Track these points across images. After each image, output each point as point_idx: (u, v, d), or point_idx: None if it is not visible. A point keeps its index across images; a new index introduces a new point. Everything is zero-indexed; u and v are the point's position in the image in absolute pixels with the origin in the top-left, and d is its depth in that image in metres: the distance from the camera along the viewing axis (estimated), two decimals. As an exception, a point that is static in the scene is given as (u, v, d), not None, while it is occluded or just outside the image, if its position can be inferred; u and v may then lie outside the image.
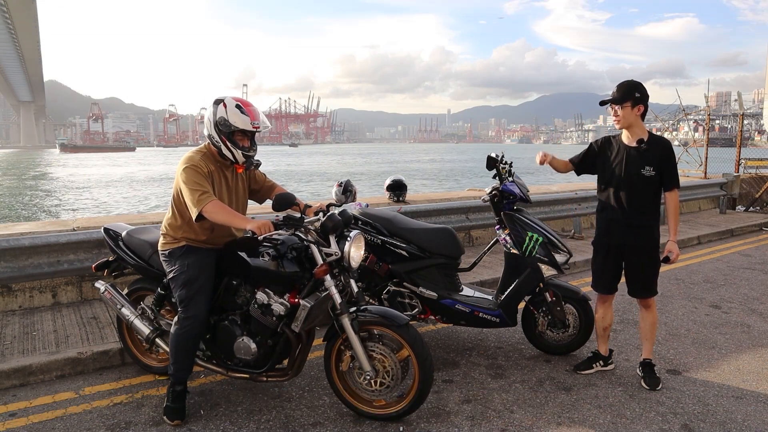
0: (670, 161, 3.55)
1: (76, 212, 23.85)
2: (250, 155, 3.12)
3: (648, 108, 3.60)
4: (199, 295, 3.12)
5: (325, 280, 2.99)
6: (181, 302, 3.13)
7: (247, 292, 3.18)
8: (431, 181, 41.65)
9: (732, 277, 6.52)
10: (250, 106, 3.07)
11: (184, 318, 3.12)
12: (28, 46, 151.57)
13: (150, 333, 3.51)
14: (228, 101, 3.05)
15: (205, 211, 2.91)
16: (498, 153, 4.19)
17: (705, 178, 11.70)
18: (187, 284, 3.11)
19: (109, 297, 3.67)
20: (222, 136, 3.04)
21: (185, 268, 3.13)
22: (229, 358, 3.25)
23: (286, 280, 3.06)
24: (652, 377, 3.66)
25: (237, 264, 3.15)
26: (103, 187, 36.21)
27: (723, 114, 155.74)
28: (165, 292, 3.44)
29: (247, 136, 3.10)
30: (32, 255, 4.61)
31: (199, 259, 3.16)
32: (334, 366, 3.21)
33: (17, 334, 4.21)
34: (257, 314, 3.10)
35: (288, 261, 3.05)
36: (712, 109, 13.41)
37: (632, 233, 3.57)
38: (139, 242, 3.57)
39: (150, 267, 3.49)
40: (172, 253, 3.20)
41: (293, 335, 3.08)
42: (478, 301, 4.04)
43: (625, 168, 3.54)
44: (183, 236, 3.18)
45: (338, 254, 3.00)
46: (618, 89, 3.49)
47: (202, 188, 2.96)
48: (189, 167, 3.02)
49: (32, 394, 3.51)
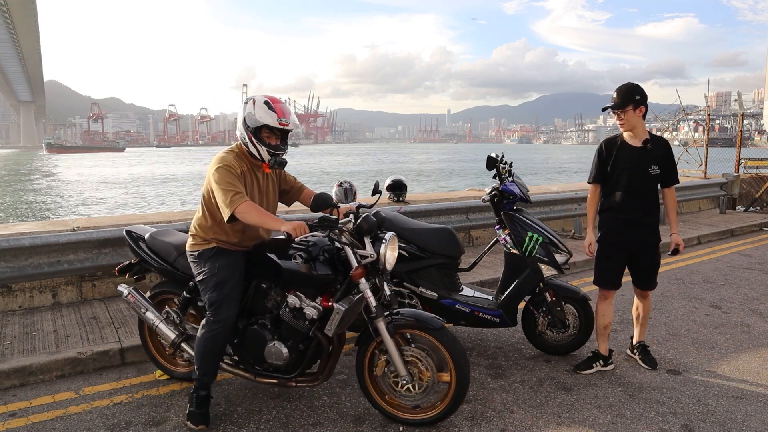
0: (671, 159, 3.73)
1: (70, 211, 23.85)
2: (277, 154, 3.01)
3: (648, 108, 3.70)
4: (229, 298, 3.04)
5: (359, 283, 2.92)
6: (211, 305, 3.04)
7: (277, 295, 3.11)
8: (428, 179, 41.66)
9: (732, 277, 6.52)
10: (279, 103, 2.98)
11: (214, 322, 3.03)
12: (28, 46, 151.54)
13: (176, 338, 3.42)
14: (258, 98, 2.99)
15: (238, 212, 2.83)
16: (498, 153, 4.20)
17: (705, 178, 11.71)
18: (218, 287, 3.03)
19: (132, 301, 3.55)
20: (248, 133, 2.97)
21: (215, 271, 3.04)
22: (258, 363, 3.18)
23: (318, 283, 2.99)
24: (650, 358, 3.92)
25: (267, 267, 3.08)
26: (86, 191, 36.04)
27: (723, 114, 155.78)
28: (191, 296, 3.37)
29: (275, 134, 3.01)
30: (32, 255, 4.61)
31: (230, 261, 3.08)
32: (367, 371, 3.12)
33: (17, 334, 4.21)
34: (289, 318, 3.02)
35: (320, 263, 2.97)
36: (712, 109, 13.42)
37: (641, 230, 3.71)
38: (163, 245, 3.48)
39: (175, 270, 3.40)
40: (201, 255, 3.11)
41: (325, 339, 3.01)
42: (478, 301, 4.04)
43: (633, 168, 3.64)
44: (213, 237, 3.10)
45: (374, 256, 2.94)
46: (618, 94, 3.57)
47: (234, 189, 2.87)
48: (221, 167, 2.93)
49: (32, 394, 3.51)
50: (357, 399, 3.43)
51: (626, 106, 3.54)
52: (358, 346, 3.13)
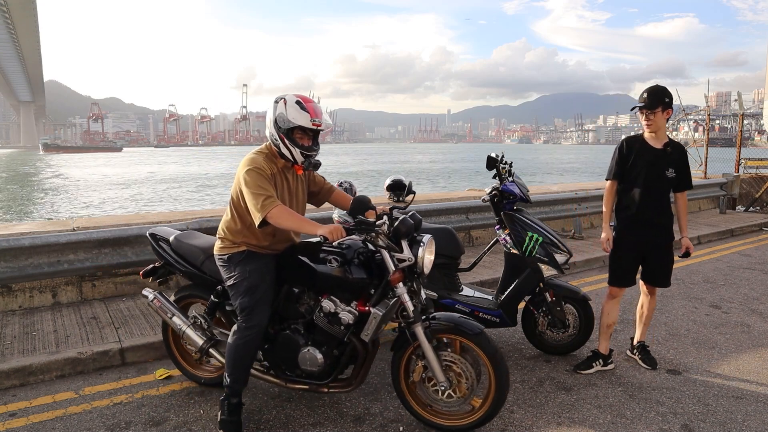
0: (686, 164, 3.78)
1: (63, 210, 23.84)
2: (311, 155, 2.93)
3: (673, 111, 3.81)
4: (261, 303, 2.96)
5: (397, 287, 2.84)
6: (242, 311, 2.96)
7: (310, 299, 3.03)
8: (427, 179, 41.66)
9: (732, 277, 6.52)
10: (311, 103, 2.89)
11: (246, 328, 2.95)
12: (28, 46, 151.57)
13: (204, 343, 3.34)
14: (288, 98, 2.89)
15: (271, 217, 2.75)
16: (498, 153, 4.20)
17: (705, 178, 11.71)
18: (249, 292, 2.95)
19: (158, 305, 3.46)
20: (280, 134, 2.88)
21: (247, 275, 2.96)
22: (290, 369, 3.10)
23: (353, 287, 2.90)
24: (650, 358, 3.94)
25: (300, 271, 3.01)
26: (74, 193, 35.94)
27: (723, 114, 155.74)
28: (219, 300, 3.29)
29: (307, 134, 2.92)
30: (32, 255, 4.61)
31: (260, 265, 3.00)
32: (403, 377, 3.05)
33: (17, 334, 4.21)
34: (323, 323, 2.94)
35: (355, 267, 2.89)
36: (712, 109, 13.41)
37: (654, 231, 3.75)
38: (189, 248, 3.38)
39: (202, 274, 3.31)
40: (231, 259, 3.03)
41: (360, 344, 2.94)
42: (478, 301, 4.04)
43: (653, 170, 3.68)
44: (243, 241, 3.02)
45: (411, 260, 2.83)
46: (649, 95, 3.60)
47: (266, 192, 2.79)
48: (252, 170, 2.84)
49: (32, 394, 3.51)
50: (357, 399, 3.43)
51: (656, 107, 3.57)
52: (393, 350, 3.05)
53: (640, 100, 3.63)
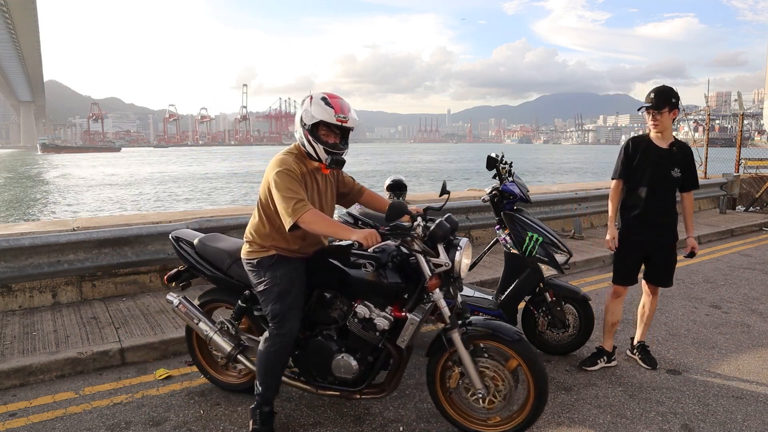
0: (692, 164, 3.80)
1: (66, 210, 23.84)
2: (336, 153, 2.81)
3: (679, 111, 3.81)
4: (293, 309, 2.87)
5: (433, 293, 2.76)
6: (274, 317, 2.87)
7: (343, 305, 2.93)
8: (428, 180, 41.67)
9: (732, 277, 6.52)
10: (337, 99, 2.79)
11: (277, 335, 2.86)
12: (28, 46, 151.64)
13: (232, 350, 3.24)
14: (315, 95, 2.81)
15: (302, 222, 2.65)
16: (498, 153, 4.20)
17: (705, 178, 11.71)
18: (280, 298, 2.86)
19: (184, 311, 3.37)
20: (305, 131, 2.79)
21: (277, 281, 2.87)
22: (322, 376, 3.02)
23: (388, 292, 2.81)
24: (650, 358, 3.95)
25: (332, 275, 2.91)
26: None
27: (723, 114, 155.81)
28: (246, 305, 3.20)
29: (333, 131, 2.81)
30: (32, 255, 4.61)
31: (291, 270, 2.91)
32: (439, 383, 2.97)
33: (17, 334, 4.21)
34: (357, 329, 2.86)
35: (390, 271, 2.80)
36: (712, 109, 13.42)
37: (658, 231, 3.77)
38: (215, 251, 3.28)
39: (229, 278, 3.21)
40: (260, 263, 2.94)
41: (395, 350, 2.85)
42: (478, 301, 4.05)
43: (658, 170, 3.70)
44: (272, 244, 2.92)
45: (448, 265, 2.74)
46: (656, 95, 3.61)
47: (296, 196, 2.69)
48: (282, 171, 2.74)
49: (32, 394, 3.51)
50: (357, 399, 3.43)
51: (663, 107, 3.59)
52: (428, 356, 2.96)
53: (647, 101, 3.63)
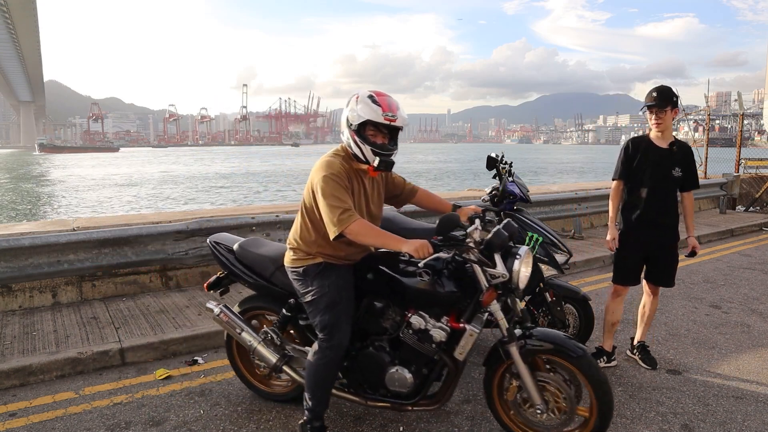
0: (693, 163, 3.80)
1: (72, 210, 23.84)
2: (384, 154, 2.64)
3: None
4: (342, 320, 2.73)
5: (489, 305, 2.60)
6: (323, 329, 2.73)
7: (395, 314, 2.78)
8: (427, 180, 41.68)
9: (732, 277, 6.52)
10: (384, 97, 2.63)
11: (328, 347, 2.72)
12: (28, 46, 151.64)
13: (277, 361, 3.10)
14: (361, 93, 2.66)
15: (349, 233, 2.52)
16: (498, 153, 4.20)
17: (705, 178, 11.71)
18: (329, 308, 2.72)
19: (225, 320, 3.21)
20: (351, 132, 2.64)
21: (326, 290, 2.73)
22: (374, 389, 2.88)
23: (444, 302, 2.66)
24: (650, 358, 3.95)
25: (383, 283, 2.76)
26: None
27: (723, 114, 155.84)
28: (291, 314, 3.07)
29: (381, 131, 2.65)
30: (32, 255, 4.61)
31: (339, 278, 2.76)
32: (496, 393, 2.85)
33: (17, 334, 4.21)
34: (412, 341, 2.70)
35: (446, 279, 2.64)
36: (712, 109, 13.42)
37: (659, 231, 3.77)
38: (256, 257, 3.13)
39: (273, 286, 3.09)
40: (307, 272, 2.79)
41: (452, 362, 2.69)
42: (478, 301, 4.03)
43: (659, 169, 3.70)
44: (318, 251, 2.77)
45: (505, 276, 2.55)
46: (659, 94, 3.61)
47: (343, 204, 2.55)
48: (328, 176, 2.59)
49: (32, 394, 3.51)
50: (357, 399, 3.43)
51: (666, 106, 3.60)
52: (485, 366, 2.84)
53: (650, 99, 3.63)
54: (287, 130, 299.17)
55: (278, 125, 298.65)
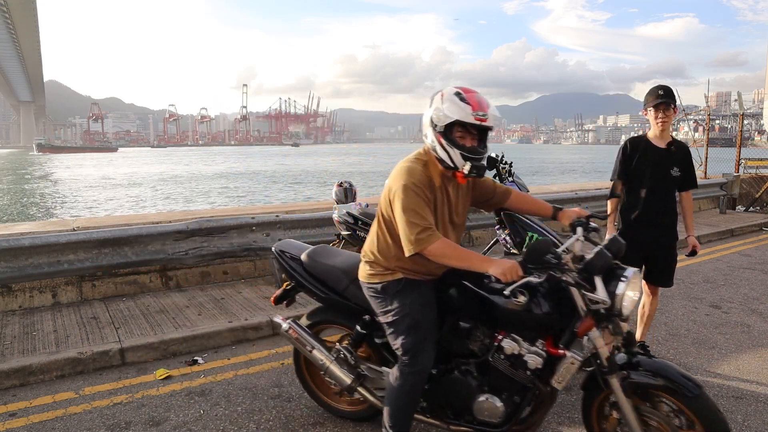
0: (691, 163, 3.80)
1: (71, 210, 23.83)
2: (475, 158, 2.36)
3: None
4: (426, 343, 2.49)
5: (588, 334, 2.30)
6: (406, 352, 2.49)
7: (484, 336, 2.52)
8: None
9: (732, 277, 6.51)
10: (473, 94, 2.36)
11: (411, 373, 2.49)
12: (28, 46, 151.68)
13: (352, 382, 2.87)
14: (447, 90, 2.40)
15: (429, 253, 2.29)
16: (498, 153, 4.20)
17: (705, 178, 11.71)
18: (412, 330, 2.48)
19: (295, 337, 3.00)
20: (436, 134, 2.36)
21: (407, 310, 2.48)
22: (457, 414, 2.64)
23: (539, 324, 2.38)
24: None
25: (470, 301, 2.51)
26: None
27: (723, 114, 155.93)
28: (366, 332, 2.82)
29: (470, 132, 2.36)
30: (32, 255, 4.61)
31: (421, 295, 2.52)
32: (595, 421, 2.54)
33: (17, 334, 4.21)
34: (504, 366, 2.45)
35: (541, 298, 2.35)
36: (712, 109, 13.43)
37: (658, 231, 3.77)
38: (327, 269, 2.88)
39: (346, 301, 2.84)
40: (385, 289, 2.54)
41: (547, 390, 2.43)
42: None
43: (658, 169, 3.70)
44: (398, 266, 2.51)
45: (607, 303, 2.23)
46: (666, 92, 3.60)
47: (423, 222, 2.29)
48: (409, 187, 2.33)
49: (32, 394, 3.51)
50: (357, 399, 3.43)
51: (672, 103, 3.61)
52: (583, 390, 2.55)
53: (655, 97, 3.60)
54: (287, 130, 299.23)
55: (278, 125, 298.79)
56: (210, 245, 5.30)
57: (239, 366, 3.94)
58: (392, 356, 2.71)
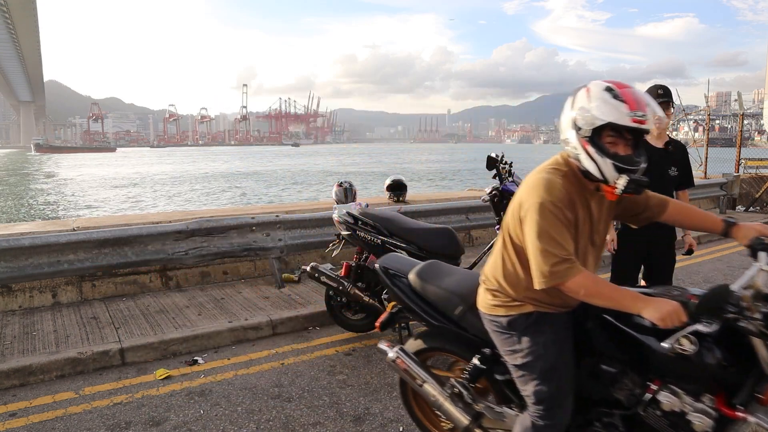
0: (688, 162, 3.83)
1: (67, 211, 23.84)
2: (631, 170, 1.88)
3: None
4: (564, 392, 2.07)
5: None
6: (539, 402, 2.07)
7: (633, 384, 2.03)
8: (429, 181, 41.67)
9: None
10: (628, 89, 1.87)
11: (545, 426, 2.07)
12: (28, 46, 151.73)
13: (469, 424, 2.45)
14: (593, 85, 1.91)
15: (566, 289, 1.89)
16: (498, 153, 4.20)
17: (705, 178, 11.71)
18: (547, 377, 2.05)
19: (403, 368, 2.59)
20: (581, 139, 1.90)
21: (541, 351, 2.06)
22: None
23: (707, 375, 1.89)
24: None
25: (616, 341, 2.05)
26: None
27: (723, 114, 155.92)
28: (486, 367, 2.39)
29: (623, 137, 1.89)
30: (32, 255, 4.62)
31: (555, 333, 2.08)
32: None
33: (17, 334, 4.21)
34: (660, 425, 1.97)
35: (712, 344, 1.84)
36: (712, 109, 13.43)
37: (660, 232, 3.71)
38: (440, 293, 2.48)
39: (461, 330, 2.44)
40: (512, 324, 2.11)
41: None
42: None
43: (655, 169, 3.67)
44: (528, 297, 2.08)
45: None
46: (666, 92, 3.61)
47: (561, 251, 1.87)
48: (547, 206, 1.89)
49: (32, 394, 3.51)
50: (357, 399, 3.43)
51: (671, 102, 3.63)
52: None
53: (656, 97, 3.59)
54: (287, 130, 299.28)
55: (278, 125, 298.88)
56: (210, 245, 5.31)
57: (239, 366, 3.95)
58: (515, 395, 2.31)
